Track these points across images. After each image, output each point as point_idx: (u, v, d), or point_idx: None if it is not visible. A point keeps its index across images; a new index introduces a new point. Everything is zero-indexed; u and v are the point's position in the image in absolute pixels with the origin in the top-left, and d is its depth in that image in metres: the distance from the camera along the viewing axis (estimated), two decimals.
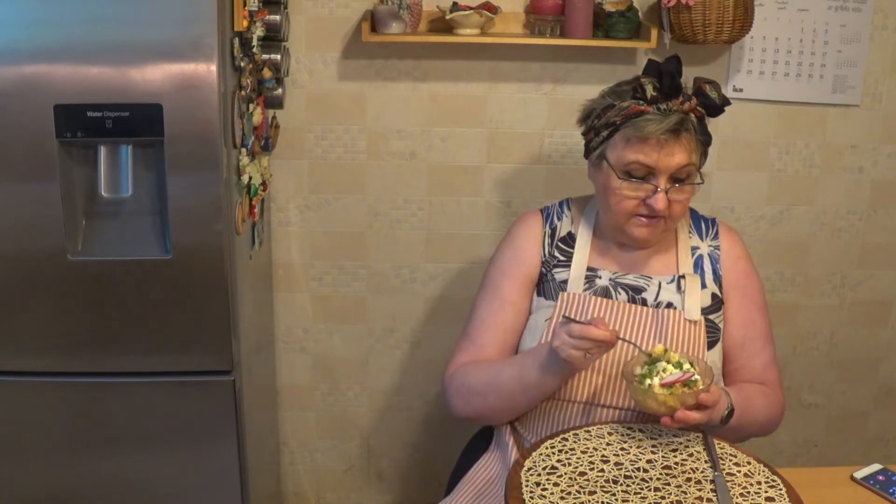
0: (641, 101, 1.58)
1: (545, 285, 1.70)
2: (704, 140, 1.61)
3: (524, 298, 1.71)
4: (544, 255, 1.72)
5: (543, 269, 1.71)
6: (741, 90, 2.25)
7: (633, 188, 1.59)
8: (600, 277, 1.68)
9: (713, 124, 2.23)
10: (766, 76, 2.24)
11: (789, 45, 2.21)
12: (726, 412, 1.52)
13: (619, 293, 1.66)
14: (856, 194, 2.36)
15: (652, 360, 1.47)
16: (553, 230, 1.74)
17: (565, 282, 1.68)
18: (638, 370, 1.47)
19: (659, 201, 1.57)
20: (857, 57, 2.22)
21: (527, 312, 1.71)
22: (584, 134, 1.70)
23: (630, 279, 1.68)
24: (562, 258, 1.71)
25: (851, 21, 2.19)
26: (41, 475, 1.87)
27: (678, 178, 1.59)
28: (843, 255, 2.42)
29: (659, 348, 1.49)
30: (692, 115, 1.59)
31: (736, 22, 2.01)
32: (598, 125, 1.64)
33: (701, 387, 1.42)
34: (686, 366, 1.45)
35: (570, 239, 1.73)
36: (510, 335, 1.70)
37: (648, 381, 1.43)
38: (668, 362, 1.46)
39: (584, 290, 1.67)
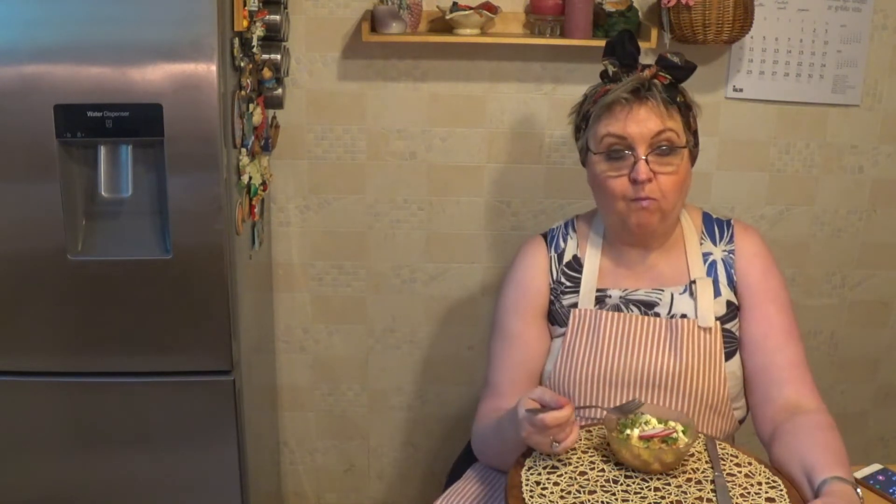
0: (607, 82, 1.61)
1: (555, 314, 1.67)
2: (669, 98, 1.56)
3: (535, 328, 1.68)
4: (552, 282, 1.68)
5: (552, 297, 1.67)
6: (741, 90, 2.25)
7: (616, 167, 1.56)
8: (610, 297, 1.64)
9: (712, 124, 2.25)
10: (766, 76, 2.23)
11: (789, 45, 2.21)
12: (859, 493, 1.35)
13: (632, 310, 1.62)
14: (856, 194, 2.36)
15: (633, 412, 1.41)
16: (559, 255, 1.70)
17: (575, 305, 1.65)
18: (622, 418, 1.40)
19: (640, 171, 1.52)
20: (857, 57, 2.22)
21: (541, 339, 1.68)
22: (576, 141, 1.69)
23: (641, 295, 1.63)
24: (569, 284, 1.67)
25: (851, 21, 2.19)
26: (41, 475, 1.87)
27: (660, 149, 1.55)
28: (843, 255, 2.42)
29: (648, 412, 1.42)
30: (656, 81, 1.57)
31: (736, 22, 2.01)
32: (578, 121, 1.66)
33: (682, 446, 1.34)
34: (671, 423, 1.38)
35: (576, 263, 1.68)
36: (525, 368, 1.68)
37: (628, 431, 1.38)
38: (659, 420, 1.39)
39: (595, 308, 1.64)
